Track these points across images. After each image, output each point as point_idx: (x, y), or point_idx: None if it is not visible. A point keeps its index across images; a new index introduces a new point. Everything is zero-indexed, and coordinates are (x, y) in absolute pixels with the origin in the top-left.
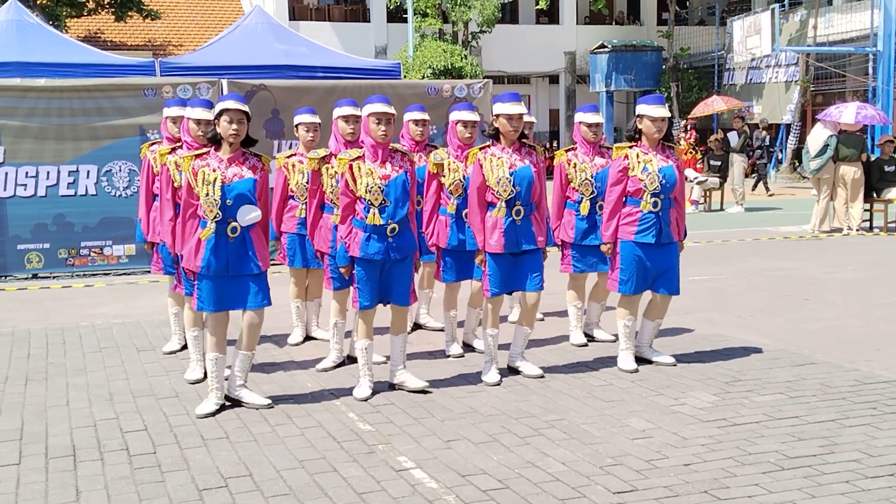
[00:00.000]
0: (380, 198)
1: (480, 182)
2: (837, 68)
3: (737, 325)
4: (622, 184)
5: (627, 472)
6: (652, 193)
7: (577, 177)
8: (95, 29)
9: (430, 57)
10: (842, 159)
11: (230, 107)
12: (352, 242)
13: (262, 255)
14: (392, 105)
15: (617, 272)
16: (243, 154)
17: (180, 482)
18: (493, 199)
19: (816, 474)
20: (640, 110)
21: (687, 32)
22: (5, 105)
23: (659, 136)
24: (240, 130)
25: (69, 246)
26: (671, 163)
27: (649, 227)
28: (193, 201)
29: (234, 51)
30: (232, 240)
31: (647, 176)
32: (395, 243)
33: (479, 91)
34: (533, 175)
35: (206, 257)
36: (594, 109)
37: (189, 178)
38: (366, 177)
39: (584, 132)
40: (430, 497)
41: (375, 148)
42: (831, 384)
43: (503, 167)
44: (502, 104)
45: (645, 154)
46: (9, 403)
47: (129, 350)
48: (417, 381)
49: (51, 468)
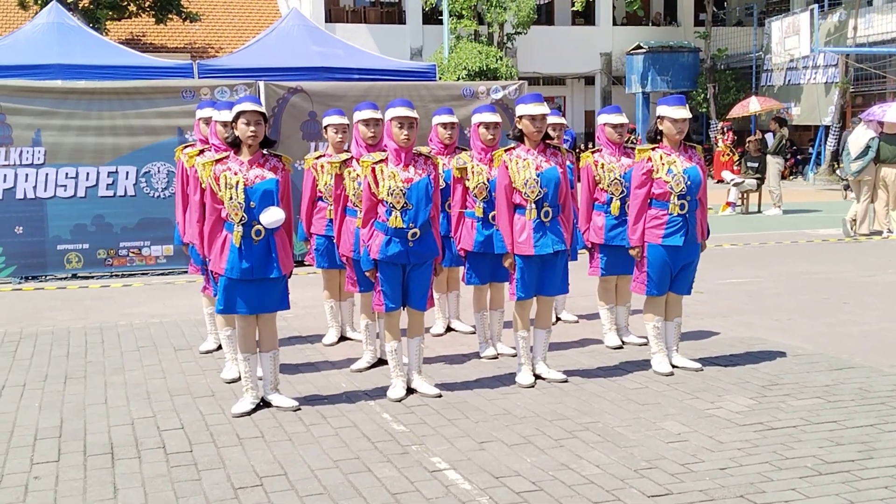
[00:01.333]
0: (402, 201)
1: (507, 184)
2: (878, 69)
3: (774, 329)
4: (647, 186)
5: (662, 476)
6: (678, 195)
7: (605, 177)
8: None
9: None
10: (883, 161)
11: (246, 108)
12: (372, 244)
13: (284, 260)
14: (416, 108)
15: (644, 275)
16: (263, 155)
17: (216, 480)
18: (522, 201)
19: (855, 480)
20: (660, 111)
21: (724, 33)
22: (46, 107)
23: (680, 138)
24: (258, 132)
25: (108, 246)
26: (694, 163)
27: (677, 230)
28: (217, 205)
29: (270, 53)
30: (256, 243)
31: (673, 178)
32: (416, 248)
33: (514, 92)
34: (559, 176)
35: (231, 260)
36: (617, 110)
37: (210, 183)
38: (388, 180)
39: (609, 133)
40: (463, 498)
41: (398, 152)
42: (870, 388)
43: (529, 168)
44: (525, 105)
45: (668, 155)
46: (48, 401)
47: (166, 349)
48: (430, 388)
49: (89, 465)
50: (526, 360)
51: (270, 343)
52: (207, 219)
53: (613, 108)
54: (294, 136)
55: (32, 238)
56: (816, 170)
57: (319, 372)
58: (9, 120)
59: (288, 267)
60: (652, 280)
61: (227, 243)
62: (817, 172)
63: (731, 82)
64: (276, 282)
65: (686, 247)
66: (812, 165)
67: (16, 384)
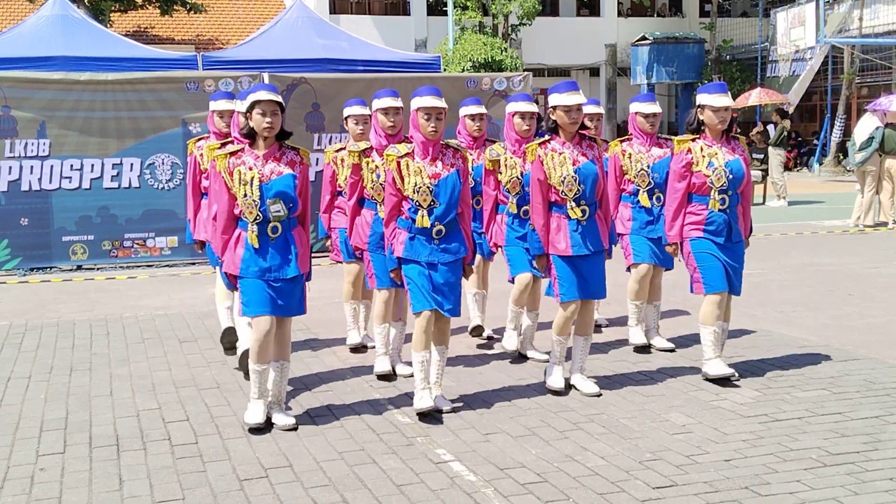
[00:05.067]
0: (429, 199)
1: (542, 180)
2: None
3: (779, 321)
4: (686, 180)
5: (667, 467)
6: (719, 190)
7: (632, 168)
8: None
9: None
10: (888, 152)
11: (262, 98)
12: (396, 243)
13: (302, 258)
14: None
15: (696, 275)
16: (280, 148)
17: (221, 472)
18: (558, 198)
19: (860, 471)
20: (700, 100)
21: (730, 24)
22: (51, 98)
23: (722, 128)
24: (274, 123)
25: (113, 238)
26: (738, 155)
27: (717, 228)
28: (231, 201)
29: (274, 45)
30: (273, 240)
31: (714, 171)
32: (442, 245)
33: (518, 84)
34: (597, 171)
35: (246, 259)
36: (651, 99)
37: (225, 176)
38: (414, 176)
39: (641, 123)
40: (468, 490)
41: (425, 145)
42: (875, 380)
43: (566, 164)
44: (559, 95)
45: (709, 147)
46: (54, 393)
47: (171, 341)
48: (445, 401)
49: (94, 457)
50: (559, 360)
51: (281, 352)
52: (219, 214)
53: (647, 95)
54: (297, 128)
55: (37, 230)
56: (822, 161)
57: (324, 363)
58: (14, 112)
59: (305, 266)
60: (707, 274)
61: (240, 241)
62: (822, 164)
63: (736, 73)
64: (295, 283)
65: (728, 246)
66: (817, 156)
67: (21, 376)
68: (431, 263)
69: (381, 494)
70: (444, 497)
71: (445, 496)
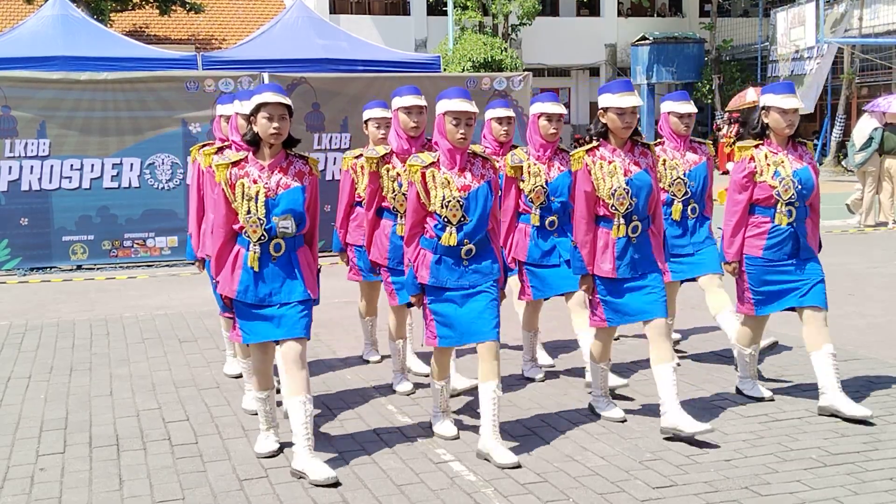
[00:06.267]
0: (458, 213)
1: (589, 191)
2: (883, 60)
3: (779, 321)
4: (748, 191)
5: (667, 467)
6: (786, 203)
7: (667, 175)
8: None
9: (470, 50)
10: (887, 152)
11: (269, 100)
12: (420, 266)
13: (309, 279)
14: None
15: (747, 294)
16: (286, 157)
17: (221, 472)
18: (607, 213)
19: (860, 471)
20: (766, 101)
21: (730, 24)
22: (51, 98)
23: (790, 132)
24: (282, 129)
25: (113, 238)
26: (806, 163)
27: (781, 243)
28: (231, 215)
29: (274, 45)
30: (275, 260)
31: (781, 182)
32: (472, 266)
33: (518, 84)
34: (651, 182)
35: (244, 281)
36: (686, 97)
37: (225, 189)
38: (441, 188)
39: (675, 124)
40: (468, 490)
41: (453, 153)
42: (875, 380)
43: (617, 175)
44: (611, 95)
45: (775, 154)
46: (54, 393)
47: (171, 341)
48: (508, 454)
49: (94, 457)
50: (604, 392)
51: (297, 386)
52: (216, 231)
53: (680, 94)
54: (297, 128)
55: (37, 230)
56: (822, 161)
57: (325, 364)
58: (14, 112)
59: (313, 290)
60: (757, 296)
61: (238, 260)
62: (822, 163)
63: (736, 73)
64: (296, 306)
65: (795, 264)
66: (818, 156)
67: (21, 376)
68: (461, 288)
69: (381, 494)
70: (444, 497)
71: (445, 496)
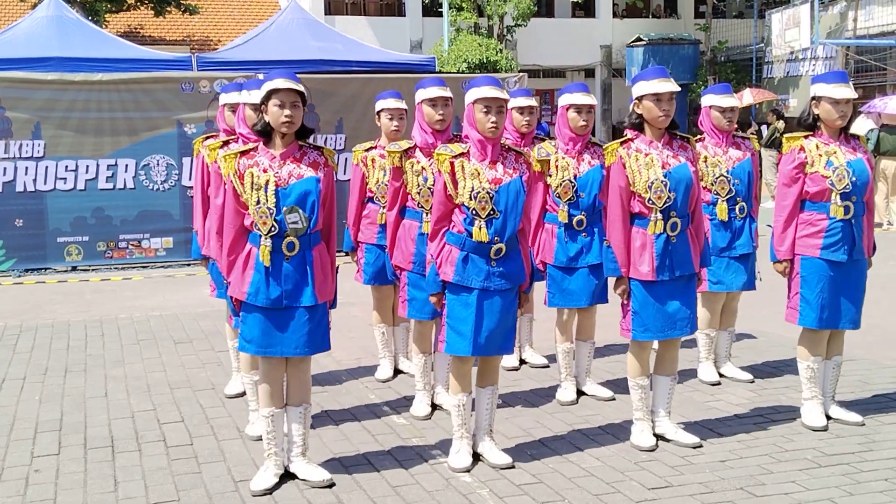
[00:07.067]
0: (488, 207)
1: (624, 186)
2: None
3: (774, 321)
4: (798, 183)
5: (662, 468)
6: (842, 195)
7: (709, 173)
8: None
9: (466, 51)
10: (883, 153)
11: (281, 87)
12: (444, 262)
13: (321, 282)
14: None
15: (796, 299)
16: (300, 147)
17: (217, 473)
18: (643, 209)
19: (855, 472)
20: (816, 90)
21: (725, 25)
22: (46, 99)
23: (842, 123)
24: (294, 117)
25: (108, 239)
26: (860, 155)
27: (840, 241)
28: (240, 210)
29: (269, 46)
30: (289, 259)
31: (834, 172)
32: (500, 268)
33: (514, 85)
34: (691, 176)
35: (256, 282)
36: (727, 90)
37: (234, 181)
38: (470, 179)
39: (717, 119)
40: (464, 491)
41: (483, 144)
42: (870, 381)
43: (654, 167)
44: (646, 83)
45: (826, 145)
46: (49, 394)
47: (166, 342)
48: (501, 455)
49: (89, 458)
50: (644, 413)
51: (300, 395)
52: (226, 228)
53: (723, 86)
54: None
55: (32, 231)
56: None
57: (319, 366)
58: (8, 113)
59: (326, 293)
60: (809, 304)
61: (250, 260)
62: None
63: (731, 75)
64: (314, 313)
65: (850, 264)
66: None
67: (16, 377)
68: (485, 290)
69: (377, 496)
70: (439, 498)
71: (441, 497)
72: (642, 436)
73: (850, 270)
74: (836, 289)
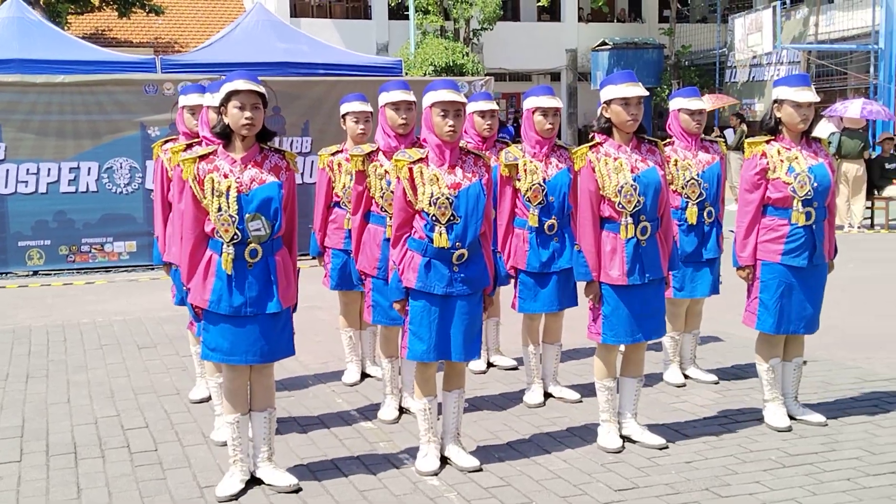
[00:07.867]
0: (447, 213)
1: (593, 190)
2: (839, 66)
3: (737, 323)
4: (760, 190)
5: (629, 470)
6: (803, 201)
7: (679, 177)
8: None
9: (432, 54)
10: (844, 156)
11: (241, 88)
12: (407, 269)
13: (285, 288)
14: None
15: (755, 303)
16: (261, 151)
17: (182, 480)
18: (613, 213)
19: (818, 472)
20: (778, 94)
21: (688, 30)
22: (6, 101)
23: (804, 127)
24: (255, 119)
25: (70, 243)
26: (821, 160)
27: (801, 246)
28: (201, 216)
29: (234, 48)
30: (251, 266)
31: (796, 178)
32: (462, 273)
33: (480, 88)
34: (660, 180)
35: (217, 290)
36: (695, 93)
37: (194, 187)
38: (430, 185)
39: (686, 122)
40: (431, 494)
41: (442, 148)
42: (832, 382)
43: (624, 171)
44: (614, 87)
45: (787, 150)
46: (10, 400)
47: (130, 347)
48: (469, 458)
49: (52, 465)
50: (610, 415)
51: (265, 400)
52: (185, 235)
53: (690, 90)
54: None
55: None
56: None
57: (286, 370)
58: None
59: (290, 299)
60: (767, 309)
61: (211, 267)
62: None
63: (695, 79)
64: (278, 319)
65: (810, 269)
66: None
67: None
68: (448, 296)
69: (344, 500)
70: (407, 502)
71: (408, 501)
72: (609, 437)
73: (810, 275)
74: (795, 294)
